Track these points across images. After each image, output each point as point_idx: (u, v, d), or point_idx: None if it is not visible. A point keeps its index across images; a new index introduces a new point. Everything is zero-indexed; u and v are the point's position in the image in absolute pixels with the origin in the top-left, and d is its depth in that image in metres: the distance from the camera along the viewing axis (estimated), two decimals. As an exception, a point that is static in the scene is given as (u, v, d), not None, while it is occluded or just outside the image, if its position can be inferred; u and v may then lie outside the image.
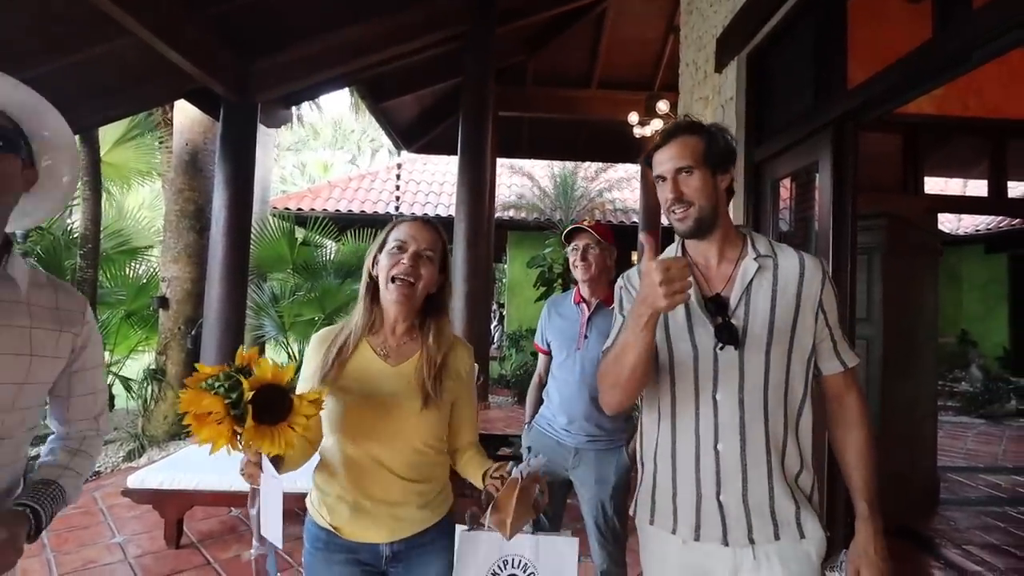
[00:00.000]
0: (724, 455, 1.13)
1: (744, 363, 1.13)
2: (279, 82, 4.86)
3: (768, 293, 1.16)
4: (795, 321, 1.15)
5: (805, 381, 1.17)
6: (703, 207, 1.18)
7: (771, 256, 1.19)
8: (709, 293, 1.20)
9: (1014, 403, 7.74)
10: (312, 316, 6.05)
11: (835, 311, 1.19)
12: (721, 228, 1.22)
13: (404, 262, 1.22)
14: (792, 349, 1.15)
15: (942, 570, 2.98)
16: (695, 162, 1.17)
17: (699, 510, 1.15)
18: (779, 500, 1.12)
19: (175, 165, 5.58)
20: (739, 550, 1.12)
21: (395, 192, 9.39)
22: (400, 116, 7.62)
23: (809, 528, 1.13)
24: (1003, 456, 5.59)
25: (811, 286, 1.16)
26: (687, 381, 1.17)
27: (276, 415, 1.05)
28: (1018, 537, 3.44)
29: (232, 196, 4.60)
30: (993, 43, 1.82)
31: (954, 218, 9.79)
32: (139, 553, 2.86)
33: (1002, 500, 4.16)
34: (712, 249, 1.23)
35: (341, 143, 25.34)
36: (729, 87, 3.56)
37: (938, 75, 2.17)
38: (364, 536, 1.24)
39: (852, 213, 2.63)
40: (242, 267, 4.71)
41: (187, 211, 5.48)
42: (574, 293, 2.16)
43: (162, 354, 5.34)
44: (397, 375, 1.26)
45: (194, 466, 3.03)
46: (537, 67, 7.51)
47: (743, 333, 1.14)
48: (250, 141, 4.76)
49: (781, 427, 1.14)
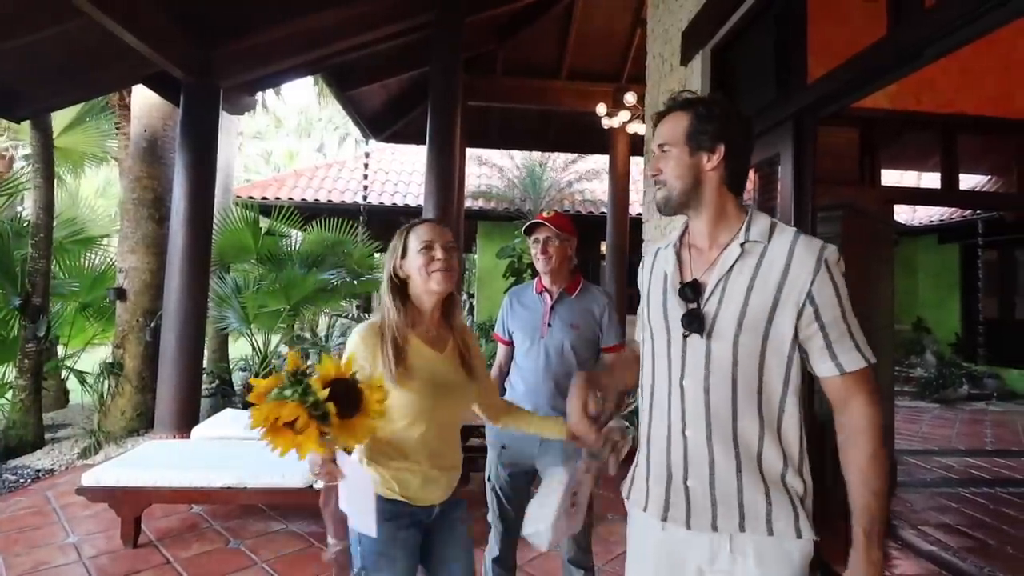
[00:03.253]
0: (692, 441, 1.12)
1: (710, 352, 1.10)
2: (242, 68, 4.72)
3: (746, 281, 1.10)
4: (772, 313, 1.07)
5: (785, 378, 1.09)
6: (674, 187, 1.16)
7: (762, 241, 1.11)
8: (689, 278, 1.17)
9: (966, 388, 8.09)
10: (277, 307, 5.93)
11: (834, 305, 1.06)
12: (710, 210, 1.16)
13: (439, 256, 1.40)
14: (766, 342, 1.08)
15: (899, 550, 3.08)
16: (673, 140, 1.16)
17: (668, 492, 1.15)
18: (748, 493, 1.08)
19: (132, 152, 5.38)
20: (716, 539, 1.10)
21: (363, 181, 9.25)
22: (368, 105, 7.49)
23: (782, 527, 1.07)
24: (956, 439, 5.84)
25: (797, 275, 1.06)
26: (662, 365, 1.18)
27: (352, 408, 1.09)
28: (970, 517, 3.58)
29: (193, 184, 4.46)
30: (944, 40, 1.87)
31: (909, 210, 10.13)
32: (94, 553, 2.77)
33: (955, 482, 4.33)
34: (703, 231, 1.19)
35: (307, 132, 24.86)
36: (695, 80, 3.59)
37: (892, 71, 2.23)
38: (427, 499, 1.43)
39: (812, 204, 2.69)
40: (203, 257, 4.58)
41: (145, 199, 5.29)
42: (536, 283, 2.19)
43: (119, 347, 5.18)
44: (447, 358, 1.46)
45: (152, 462, 2.95)
46: (507, 57, 7.47)
47: (712, 321, 1.10)
48: (212, 128, 4.62)
49: (754, 422, 1.09)
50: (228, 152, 7.78)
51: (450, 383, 1.43)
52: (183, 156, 4.47)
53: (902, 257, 9.26)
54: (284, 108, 21.55)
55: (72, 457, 4.38)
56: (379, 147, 11.42)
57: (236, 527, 3.09)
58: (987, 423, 6.68)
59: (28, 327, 4.70)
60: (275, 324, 6.11)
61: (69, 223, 6.28)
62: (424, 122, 5.38)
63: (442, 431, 1.43)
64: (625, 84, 7.26)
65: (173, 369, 4.35)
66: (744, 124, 1.19)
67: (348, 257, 6.71)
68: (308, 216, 7.32)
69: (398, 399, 1.33)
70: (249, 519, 3.19)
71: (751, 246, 1.12)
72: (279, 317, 6.02)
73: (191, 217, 4.43)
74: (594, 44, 7.22)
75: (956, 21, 1.75)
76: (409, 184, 11.08)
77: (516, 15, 6.76)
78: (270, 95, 12.69)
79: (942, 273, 10.14)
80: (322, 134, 24.91)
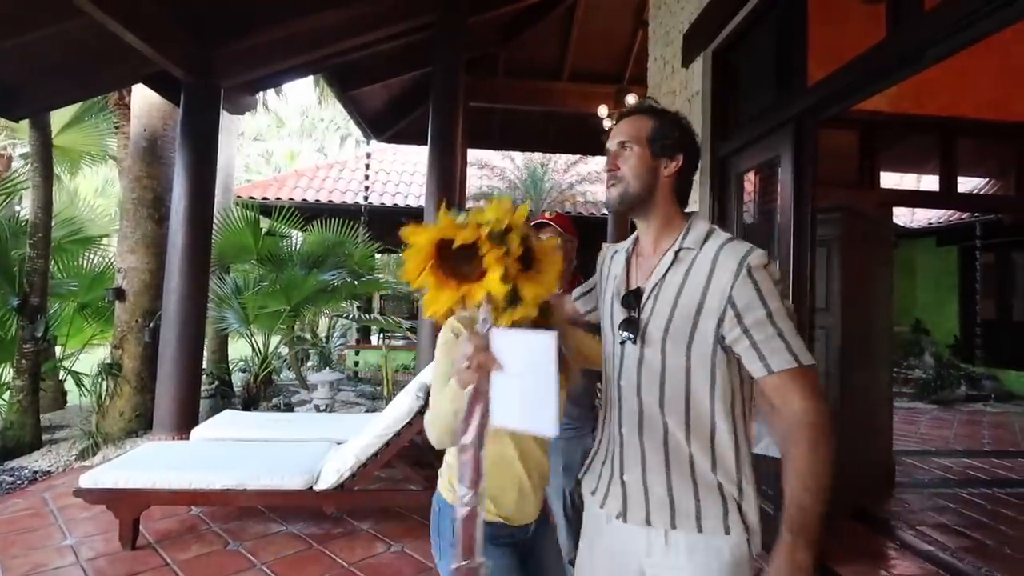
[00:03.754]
0: (626, 439, 1.18)
1: (643, 357, 1.15)
2: (243, 68, 4.71)
3: (676, 288, 1.12)
4: (696, 318, 1.09)
5: (711, 384, 1.10)
6: (631, 185, 1.17)
7: (694, 248, 1.13)
8: (634, 285, 1.22)
9: (964, 389, 8.10)
10: (277, 308, 5.93)
11: (757, 308, 1.04)
12: (658, 216, 1.20)
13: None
14: (691, 349, 1.10)
15: (897, 550, 3.09)
16: (636, 140, 1.18)
17: (609, 484, 1.21)
18: (678, 491, 1.11)
19: (132, 151, 5.37)
20: (651, 533, 1.12)
21: (364, 182, 9.24)
22: (369, 105, 7.49)
23: (711, 525, 1.09)
24: (954, 440, 5.85)
25: (719, 281, 1.07)
26: (608, 363, 1.25)
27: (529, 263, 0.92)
28: (968, 517, 3.60)
29: (193, 184, 4.45)
30: (943, 43, 1.88)
31: (908, 212, 10.15)
32: (92, 556, 2.76)
33: (953, 482, 4.34)
34: (649, 238, 1.23)
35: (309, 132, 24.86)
36: (696, 82, 3.60)
37: (892, 74, 2.23)
38: (525, 517, 1.33)
39: (812, 206, 2.70)
40: (203, 258, 4.58)
41: (145, 199, 5.29)
42: None
43: (118, 348, 5.17)
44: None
45: (151, 464, 2.95)
46: (509, 58, 7.47)
47: (644, 328, 1.14)
48: (212, 128, 4.61)
49: (681, 426, 1.11)
50: (228, 152, 7.78)
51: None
52: (183, 156, 4.47)
53: (901, 259, 9.27)
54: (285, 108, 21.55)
55: (70, 458, 4.37)
56: (380, 147, 11.42)
57: (235, 529, 3.08)
58: (985, 424, 6.68)
59: (26, 327, 4.69)
60: (275, 325, 6.11)
61: (68, 223, 6.27)
62: (426, 122, 5.38)
63: (530, 449, 1.33)
64: (627, 86, 7.26)
65: (172, 370, 4.35)
66: (696, 143, 1.23)
67: (349, 258, 6.71)
68: (309, 216, 7.32)
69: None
70: (248, 521, 3.18)
71: (684, 253, 1.14)
72: (279, 318, 6.02)
73: (191, 217, 4.43)
74: (596, 45, 7.23)
75: (956, 23, 1.76)
76: (411, 185, 11.07)
77: (518, 16, 6.75)
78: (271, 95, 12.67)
79: (940, 275, 10.15)
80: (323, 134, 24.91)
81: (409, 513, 3.28)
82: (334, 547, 2.89)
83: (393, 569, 2.70)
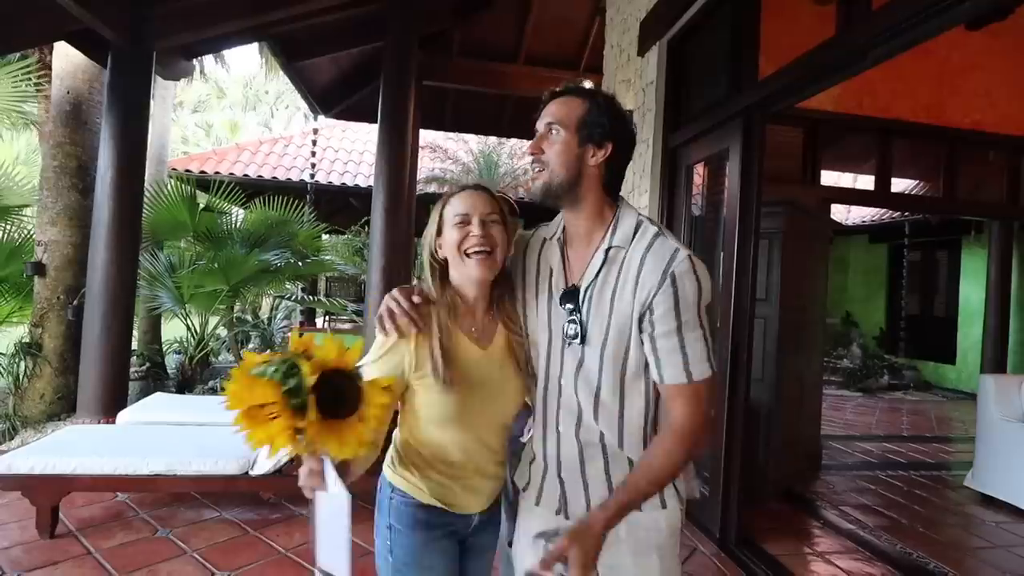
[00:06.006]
0: (564, 436, 1.15)
1: (584, 358, 1.11)
2: (177, 29, 4.42)
3: (610, 290, 1.08)
4: (630, 320, 1.06)
5: (645, 393, 1.11)
6: (556, 173, 1.10)
7: (623, 247, 1.09)
8: (569, 283, 1.15)
9: (887, 378, 8.66)
10: (215, 287, 5.67)
11: (670, 319, 1.03)
12: (587, 206, 1.13)
13: (475, 233, 1.16)
14: (627, 356, 1.08)
15: (821, 528, 3.27)
16: (564, 123, 1.10)
17: (543, 481, 1.19)
18: (616, 481, 1.12)
19: (54, 115, 4.97)
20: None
21: (311, 159, 8.91)
22: (317, 78, 7.19)
23: (648, 503, 1.10)
24: (876, 426, 6.26)
25: (644, 286, 1.04)
26: (542, 360, 1.18)
27: (344, 407, 0.89)
28: (886, 498, 3.85)
29: (121, 153, 4.17)
30: (888, 43, 1.94)
31: (844, 209, 10.63)
32: (6, 545, 2.58)
33: (874, 465, 4.64)
34: (579, 229, 1.16)
35: (252, 104, 23.80)
36: (650, 71, 3.62)
37: (837, 72, 2.30)
38: (470, 508, 1.26)
39: (758, 200, 2.77)
40: (132, 232, 4.31)
41: (68, 168, 4.91)
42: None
43: (38, 326, 4.82)
44: (491, 356, 1.23)
45: (72, 448, 2.76)
46: (464, 38, 7.32)
47: (584, 329, 1.10)
48: (143, 93, 4.32)
49: (614, 423, 1.11)
50: (162, 120, 7.34)
51: (493, 386, 1.22)
52: (110, 122, 4.17)
53: (835, 254, 9.74)
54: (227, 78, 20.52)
55: (-18, 443, 4.06)
56: (329, 124, 11.03)
57: (165, 515, 2.94)
58: (904, 411, 7.16)
59: (-69, 301, 4.31)
60: (213, 305, 5.85)
61: (-19, 190, 5.77)
62: (376, 100, 5.22)
63: (487, 435, 1.25)
64: (583, 73, 7.26)
65: (98, 350, 4.09)
66: (631, 130, 1.17)
67: (293, 237, 6.47)
68: (251, 193, 7.00)
69: (438, 402, 1.17)
70: (179, 507, 3.04)
71: (614, 252, 1.10)
72: (217, 298, 5.76)
73: (119, 188, 4.15)
74: (552, 30, 7.17)
75: (901, 24, 1.81)
76: (360, 164, 10.77)
77: (474, -5, 6.62)
78: (210, 62, 12.02)
79: (871, 271, 10.74)
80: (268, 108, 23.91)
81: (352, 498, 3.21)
82: (271, 533, 2.80)
83: (333, 556, 2.64)
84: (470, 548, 1.32)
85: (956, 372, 8.94)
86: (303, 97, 7.50)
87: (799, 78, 2.42)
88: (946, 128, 4.58)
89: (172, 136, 8.97)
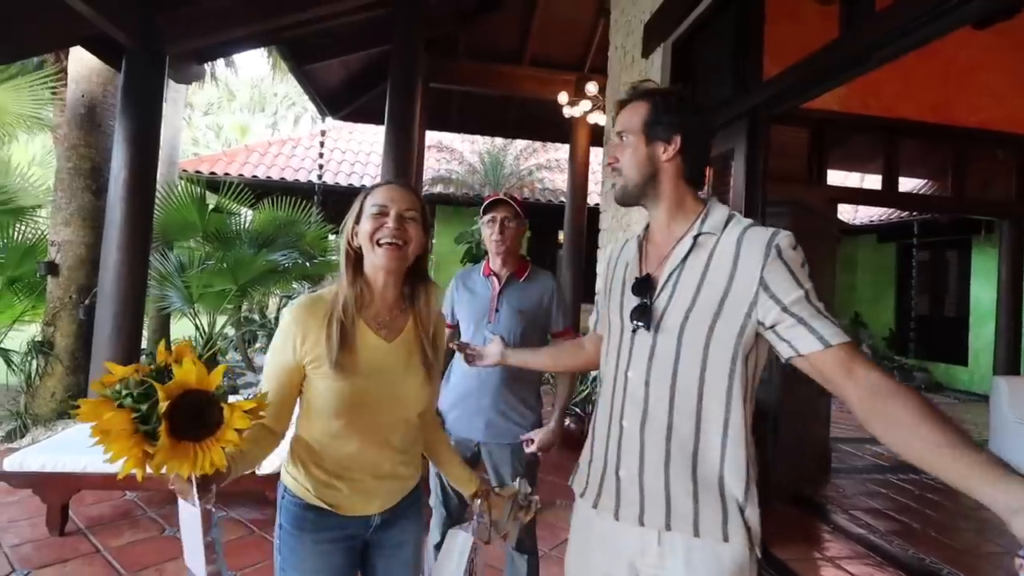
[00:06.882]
0: (627, 431, 1.12)
1: (656, 346, 1.09)
2: (190, 34, 4.47)
3: (697, 275, 1.07)
4: (720, 307, 1.03)
5: (730, 375, 1.04)
6: (630, 177, 1.15)
7: (715, 234, 1.08)
8: (643, 272, 1.16)
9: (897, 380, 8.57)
10: (223, 287, 5.71)
11: (794, 288, 0.99)
12: (666, 202, 1.15)
13: (389, 224, 1.18)
14: (711, 338, 1.04)
15: (831, 533, 3.24)
16: (632, 129, 1.14)
17: (602, 480, 1.16)
18: (675, 490, 1.05)
19: (69, 118, 5.04)
20: (645, 533, 1.08)
21: (318, 160, 8.97)
22: (325, 81, 7.25)
23: (708, 528, 1.03)
24: (885, 428, 6.18)
25: (746, 266, 1.02)
26: (613, 354, 1.18)
27: (202, 428, 0.88)
28: (898, 502, 3.80)
29: (134, 155, 4.22)
30: (892, 45, 1.93)
31: (851, 209, 10.58)
32: (17, 542, 2.62)
33: (885, 468, 4.59)
34: (660, 224, 1.17)
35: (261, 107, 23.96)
36: (655, 73, 3.62)
37: (841, 73, 2.29)
38: (360, 510, 1.23)
39: (763, 200, 2.76)
40: (144, 232, 4.36)
41: (82, 169, 4.98)
42: (483, 266, 2.12)
43: (50, 325, 4.88)
44: (395, 350, 1.23)
45: (82, 446, 2.79)
46: (469, 40, 7.36)
47: (661, 315, 1.09)
48: (156, 96, 4.37)
49: (690, 419, 1.05)
50: (174, 123, 7.42)
51: (392, 380, 1.21)
52: (124, 124, 4.22)
53: (843, 255, 9.67)
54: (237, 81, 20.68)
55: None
56: (336, 125, 11.11)
57: (172, 514, 2.97)
58: (915, 414, 7.08)
59: (-54, 301, 4.38)
60: (221, 305, 5.89)
61: (-4, 191, 5.86)
62: (383, 102, 5.25)
63: (381, 434, 1.22)
64: (587, 74, 7.27)
65: (109, 349, 4.14)
66: (702, 116, 1.17)
67: (301, 238, 6.51)
68: (259, 194, 7.04)
69: (333, 390, 1.15)
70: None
71: (704, 239, 1.09)
72: (225, 298, 5.80)
73: (131, 189, 4.20)
74: (557, 32, 7.19)
75: (904, 26, 1.81)
76: (367, 165, 10.83)
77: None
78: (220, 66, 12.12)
79: (879, 271, 10.66)
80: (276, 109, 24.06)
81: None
82: (278, 532, 2.83)
83: (339, 554, 2.66)
84: (375, 545, 1.29)
85: (968, 374, 8.84)
86: (311, 99, 7.57)
87: (804, 79, 2.41)
88: (954, 127, 4.54)
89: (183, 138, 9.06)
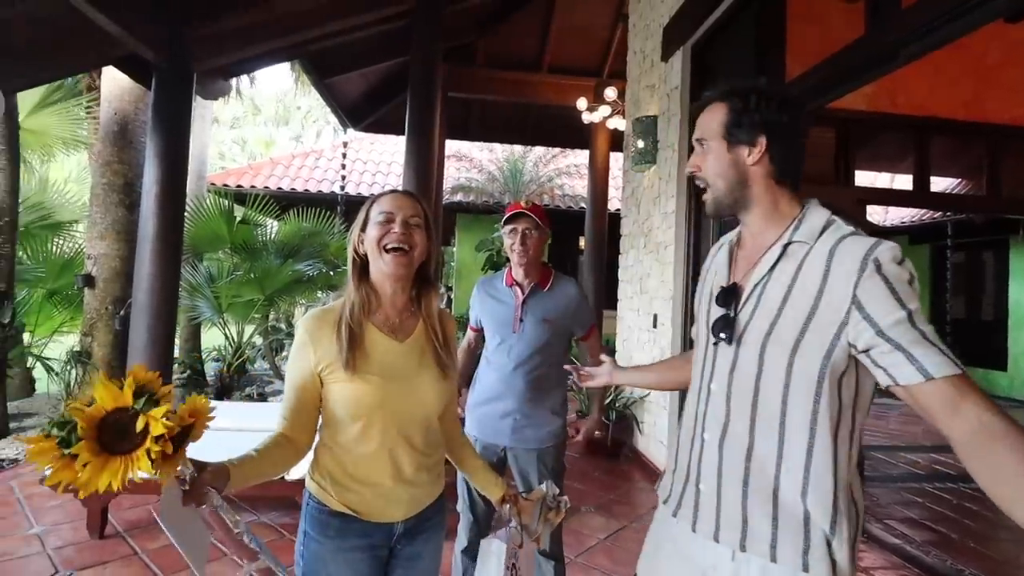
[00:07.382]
0: (707, 445, 1.07)
1: (737, 359, 1.02)
2: (216, 52, 4.60)
3: (784, 288, 0.98)
4: (805, 325, 0.94)
5: (815, 399, 0.94)
6: (716, 186, 1.07)
7: (808, 242, 0.98)
8: (731, 281, 1.10)
9: (931, 385, 8.32)
10: (251, 297, 5.84)
11: (895, 309, 0.86)
12: (760, 205, 1.06)
13: (395, 231, 1.20)
14: (795, 357, 0.95)
15: (865, 543, 3.14)
16: (711, 134, 1.07)
17: (683, 491, 1.12)
18: (752, 511, 0.99)
19: (103, 135, 5.23)
20: (719, 550, 1.02)
21: (341, 171, 9.12)
22: (346, 93, 7.38)
23: (787, 555, 0.95)
24: (922, 435, 5.96)
25: (837, 280, 0.91)
26: (698, 364, 1.14)
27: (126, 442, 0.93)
28: (934, 511, 3.68)
29: (165, 170, 4.34)
30: (919, 41, 1.90)
31: (882, 210, 10.34)
32: (59, 544, 2.70)
33: (920, 477, 4.45)
34: (752, 229, 1.09)
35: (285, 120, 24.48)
36: (675, 76, 3.61)
37: (868, 71, 2.26)
38: (385, 516, 1.22)
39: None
40: (175, 245, 4.47)
41: (115, 185, 5.16)
42: (506, 275, 2.12)
43: (88, 335, 5.04)
44: (409, 351, 1.25)
45: (120, 453, 2.88)
46: (487, 49, 7.42)
47: (743, 329, 1.02)
48: (184, 112, 4.49)
49: (771, 440, 0.98)
50: (202, 138, 7.62)
51: (410, 380, 1.22)
52: (154, 141, 4.35)
53: (874, 257, 9.45)
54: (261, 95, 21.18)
55: (36, 448, 4.26)
56: (358, 136, 11.29)
57: (206, 519, 3.04)
58: (951, 420, 6.86)
59: (-9, 313, 4.55)
60: (249, 314, 6.02)
61: (36, 207, 6.10)
62: (403, 112, 5.31)
63: (403, 435, 1.22)
64: (606, 79, 7.26)
65: (143, 358, 4.24)
66: (789, 110, 1.06)
67: (325, 248, 6.63)
68: (284, 205, 7.21)
69: (350, 393, 1.17)
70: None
71: (795, 247, 1.00)
72: (253, 307, 5.93)
73: (162, 203, 4.32)
74: (575, 38, 7.21)
75: (932, 22, 1.78)
76: (388, 175, 10.98)
77: (497, 6, 6.71)
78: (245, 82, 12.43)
79: (912, 273, 10.39)
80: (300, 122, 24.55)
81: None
82: (307, 538, 2.87)
83: (367, 559, 2.69)
84: (398, 556, 1.28)
85: (1008, 379, 8.54)
86: (333, 112, 7.70)
87: (827, 79, 2.39)
88: (986, 124, 4.42)
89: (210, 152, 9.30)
